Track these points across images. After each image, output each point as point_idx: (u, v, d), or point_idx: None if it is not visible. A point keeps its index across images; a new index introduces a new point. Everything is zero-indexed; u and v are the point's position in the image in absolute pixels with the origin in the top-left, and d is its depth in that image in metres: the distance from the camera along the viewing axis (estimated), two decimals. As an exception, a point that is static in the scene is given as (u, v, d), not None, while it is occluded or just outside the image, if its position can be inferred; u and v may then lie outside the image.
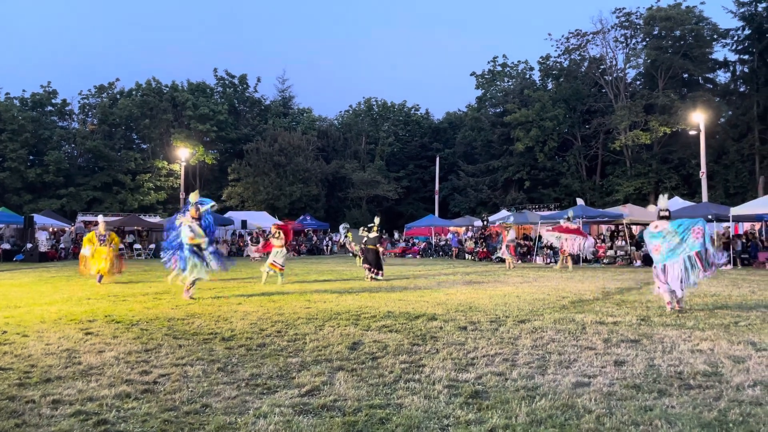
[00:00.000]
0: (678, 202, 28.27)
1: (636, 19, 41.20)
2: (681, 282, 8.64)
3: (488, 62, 51.37)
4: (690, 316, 8.27)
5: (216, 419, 3.87)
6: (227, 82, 52.42)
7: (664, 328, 7.25)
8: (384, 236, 18.59)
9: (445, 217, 42.62)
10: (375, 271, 15.23)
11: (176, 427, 3.74)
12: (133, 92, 47.96)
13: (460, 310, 8.92)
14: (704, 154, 28.83)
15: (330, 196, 48.34)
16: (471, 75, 51.06)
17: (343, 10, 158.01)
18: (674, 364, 5.31)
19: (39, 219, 30.66)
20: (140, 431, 3.68)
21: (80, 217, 34.59)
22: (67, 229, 32.41)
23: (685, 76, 40.96)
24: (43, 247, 27.75)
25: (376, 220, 16.21)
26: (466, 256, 29.45)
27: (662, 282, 8.84)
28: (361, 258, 21.40)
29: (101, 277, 14.08)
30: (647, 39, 41.04)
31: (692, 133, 31.28)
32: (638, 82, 43.52)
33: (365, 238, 16.17)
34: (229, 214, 37.86)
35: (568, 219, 21.62)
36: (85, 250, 14.40)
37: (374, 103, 56.56)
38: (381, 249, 16.09)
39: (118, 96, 47.39)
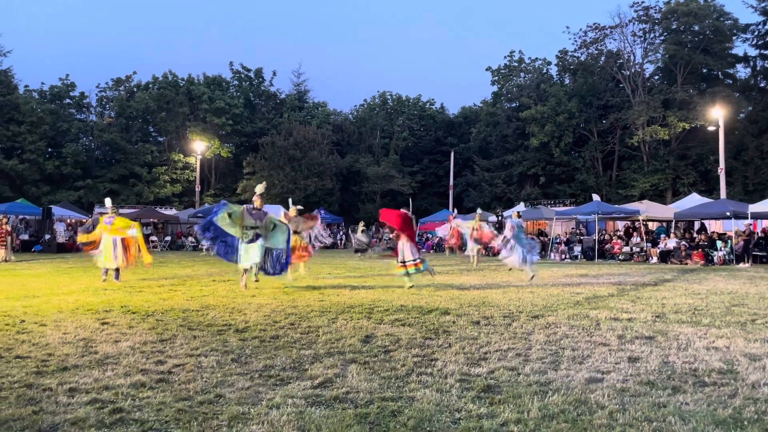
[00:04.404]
0: (695, 199, 27.98)
1: (654, 13, 40.66)
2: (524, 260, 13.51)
3: (505, 57, 50.97)
4: (706, 313, 8.20)
5: (229, 409, 3.91)
6: (243, 75, 52.52)
7: (679, 325, 7.19)
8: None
9: (460, 213, 42.46)
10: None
11: (190, 416, 3.78)
12: (150, 85, 48.23)
13: (473, 305, 8.91)
14: (723, 150, 28.48)
15: (344, 191, 48.33)
16: (487, 70, 50.73)
17: (359, 4, 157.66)
18: (689, 361, 5.27)
19: (57, 210, 31.07)
20: (155, 420, 3.72)
21: (97, 209, 34.89)
22: (84, 220, 32.78)
23: (705, 71, 40.35)
24: (61, 238, 28.15)
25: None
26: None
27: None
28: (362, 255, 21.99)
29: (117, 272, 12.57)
30: (666, 33, 40.48)
31: (711, 128, 30.87)
32: (656, 77, 42.95)
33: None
34: (244, 208, 38.09)
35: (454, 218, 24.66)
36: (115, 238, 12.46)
37: (389, 97, 56.35)
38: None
39: (135, 89, 47.68)
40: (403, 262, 11.58)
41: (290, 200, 14.82)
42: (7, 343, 5.94)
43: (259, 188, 11.75)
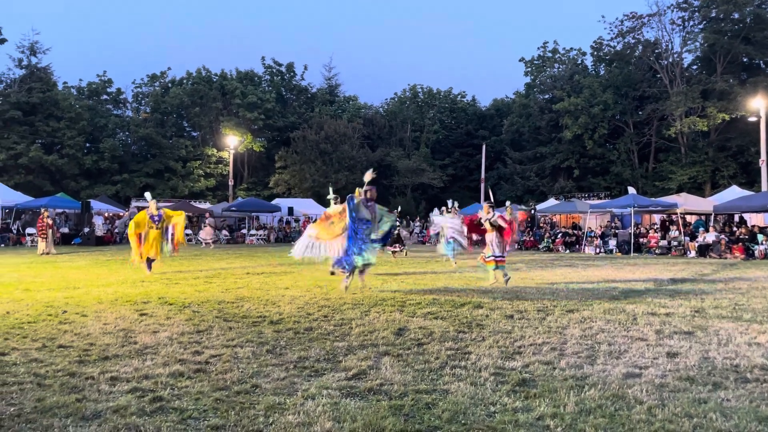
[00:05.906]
0: (736, 192, 27.24)
1: (694, 0, 39.57)
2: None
3: (538, 48, 50.27)
4: (747, 308, 7.99)
5: (266, 399, 3.96)
6: (275, 70, 52.96)
7: (719, 320, 7.03)
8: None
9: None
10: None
11: (227, 405, 3.84)
12: (184, 81, 48.99)
13: (506, 298, 8.85)
14: (765, 141, 27.61)
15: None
16: (520, 61, 50.14)
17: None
18: (730, 357, 5.15)
19: (95, 204, 31.79)
20: (194, 408, 3.79)
21: (134, 203, 35.64)
22: (121, 214, 33.52)
23: (745, 60, 39.16)
24: (100, 231, 28.82)
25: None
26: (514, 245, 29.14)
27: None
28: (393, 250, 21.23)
29: (151, 262, 12.77)
30: (705, 22, 39.40)
31: (752, 119, 29.98)
32: (695, 67, 41.85)
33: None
34: (276, 201, 38.56)
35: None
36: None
37: (420, 90, 56.11)
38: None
39: (169, 85, 48.53)
40: (493, 256, 11.04)
41: (330, 188, 13.43)
42: (50, 332, 6.11)
43: (368, 176, 10.10)
